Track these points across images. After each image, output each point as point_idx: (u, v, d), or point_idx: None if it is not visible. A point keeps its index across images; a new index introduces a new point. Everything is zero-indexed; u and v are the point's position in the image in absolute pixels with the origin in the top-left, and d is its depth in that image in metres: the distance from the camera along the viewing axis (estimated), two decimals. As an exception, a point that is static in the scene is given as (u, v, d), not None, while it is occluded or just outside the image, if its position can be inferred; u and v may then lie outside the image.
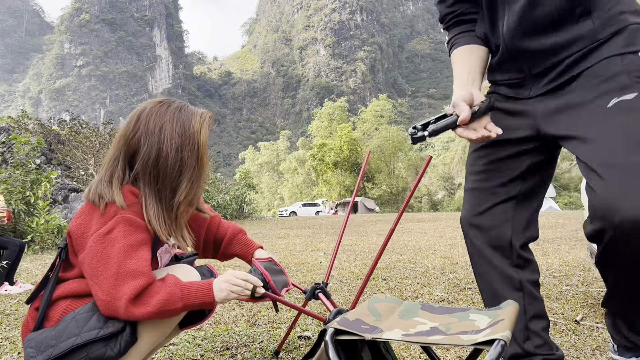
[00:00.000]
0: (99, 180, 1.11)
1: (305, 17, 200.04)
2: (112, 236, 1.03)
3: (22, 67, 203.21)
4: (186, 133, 1.13)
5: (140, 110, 1.15)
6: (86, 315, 1.02)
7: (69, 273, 1.11)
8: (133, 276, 1.02)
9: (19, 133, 10.93)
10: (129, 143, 1.13)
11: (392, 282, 3.20)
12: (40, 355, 0.98)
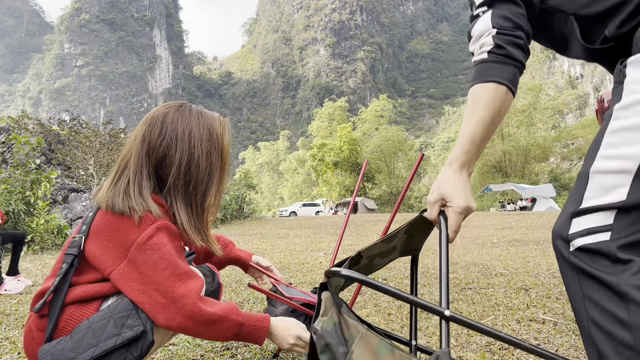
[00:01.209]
0: (124, 191, 1.06)
1: (305, 17, 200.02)
2: (155, 241, 1.01)
3: (22, 67, 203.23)
4: (212, 137, 1.15)
5: (163, 115, 1.13)
6: (102, 323, 0.99)
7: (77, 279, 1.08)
8: (191, 276, 1.02)
9: (19, 133, 10.93)
10: (156, 150, 1.10)
11: (392, 282, 3.20)
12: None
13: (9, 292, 3.28)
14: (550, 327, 1.96)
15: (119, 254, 1.02)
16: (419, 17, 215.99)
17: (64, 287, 1.03)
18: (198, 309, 1.00)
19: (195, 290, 1.02)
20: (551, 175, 39.29)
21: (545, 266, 3.71)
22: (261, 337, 1.11)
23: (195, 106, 1.19)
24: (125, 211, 1.03)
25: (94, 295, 1.04)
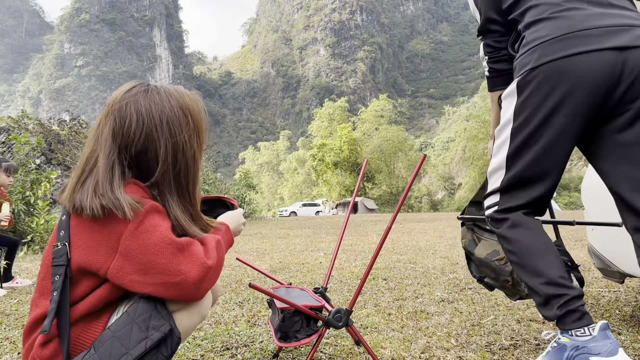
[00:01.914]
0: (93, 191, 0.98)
1: (305, 17, 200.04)
2: (147, 225, 0.96)
3: (22, 67, 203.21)
4: (189, 118, 1.09)
5: (133, 104, 1.03)
6: (126, 330, 0.95)
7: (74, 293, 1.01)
8: (190, 243, 1.01)
9: (19, 133, 10.93)
10: (135, 144, 1.02)
11: (392, 282, 3.20)
12: None
13: (20, 284, 3.48)
14: (550, 327, 1.96)
15: (109, 249, 0.97)
16: (419, 17, 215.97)
17: (66, 301, 0.98)
18: (208, 268, 1.00)
19: (199, 255, 0.99)
20: (551, 175, 39.29)
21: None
22: (232, 238, 1.20)
23: (160, 85, 1.11)
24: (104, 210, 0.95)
25: (99, 303, 0.99)
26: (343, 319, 1.38)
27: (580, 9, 1.21)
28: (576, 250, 4.75)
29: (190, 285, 0.97)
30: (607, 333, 1.15)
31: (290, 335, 1.37)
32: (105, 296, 1.00)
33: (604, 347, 1.12)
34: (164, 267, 0.96)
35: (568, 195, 32.87)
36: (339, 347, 1.75)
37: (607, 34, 1.15)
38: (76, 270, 0.99)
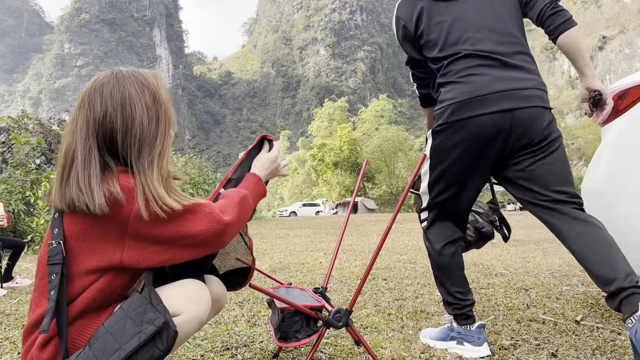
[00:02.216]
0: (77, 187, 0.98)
1: (305, 17, 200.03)
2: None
3: (22, 67, 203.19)
4: (150, 89, 1.09)
5: (99, 89, 1.05)
6: (120, 325, 0.95)
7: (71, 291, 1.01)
8: (200, 203, 1.03)
9: (19, 133, 10.93)
10: (103, 126, 1.02)
11: (392, 282, 3.20)
12: None
13: (20, 284, 3.50)
14: (550, 327, 1.96)
15: (115, 237, 0.98)
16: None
17: (64, 300, 0.98)
18: (226, 224, 1.04)
19: (214, 211, 1.03)
20: (551, 175, 39.27)
21: (545, 266, 3.71)
22: (264, 189, 1.26)
23: (126, 69, 1.13)
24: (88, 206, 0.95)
25: (96, 298, 1.00)
26: (343, 319, 1.38)
27: (480, 74, 1.53)
28: (576, 250, 4.75)
29: (210, 242, 1.03)
30: (481, 331, 1.66)
31: (290, 335, 1.37)
32: (102, 288, 1.00)
33: (474, 339, 1.64)
34: (180, 233, 1.00)
35: (568, 195, 32.86)
36: (339, 347, 1.75)
37: (500, 98, 1.49)
38: (80, 271, 0.99)
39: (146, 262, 1.00)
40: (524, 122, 1.49)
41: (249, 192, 1.18)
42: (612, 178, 1.90)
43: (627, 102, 1.88)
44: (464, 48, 1.56)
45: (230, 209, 1.08)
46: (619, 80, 1.99)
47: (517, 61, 1.54)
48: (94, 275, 1.00)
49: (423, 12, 1.65)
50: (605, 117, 1.55)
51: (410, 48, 1.72)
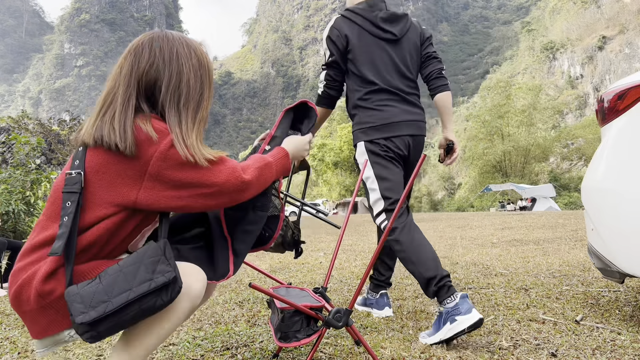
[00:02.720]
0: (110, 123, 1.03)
1: (305, 17, 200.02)
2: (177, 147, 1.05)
3: (22, 67, 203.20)
4: (197, 54, 1.18)
5: (148, 42, 1.14)
6: (133, 268, 0.99)
7: (82, 221, 1.03)
8: (224, 158, 1.11)
9: (19, 133, 10.94)
10: (146, 75, 1.11)
11: (392, 282, 3.20)
12: (93, 311, 0.94)
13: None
14: (550, 327, 1.96)
15: (135, 177, 1.03)
16: (419, 17, 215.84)
17: (76, 229, 1.01)
18: (244, 182, 1.11)
19: (236, 168, 1.11)
20: (551, 175, 39.28)
21: (545, 266, 3.71)
22: (288, 164, 1.30)
23: (175, 31, 1.22)
24: (117, 145, 1.01)
25: (104, 234, 1.04)
26: (343, 319, 1.38)
27: (393, 106, 2.04)
28: (576, 250, 4.75)
29: (225, 196, 1.10)
30: (466, 300, 1.75)
31: (290, 335, 1.37)
32: (110, 228, 1.05)
33: (463, 308, 1.72)
34: (199, 180, 1.06)
35: (568, 195, 32.86)
36: (339, 347, 1.75)
37: (406, 126, 2.03)
38: (94, 202, 1.03)
39: (159, 204, 1.05)
40: (417, 145, 2.09)
41: (273, 162, 1.24)
42: (612, 178, 1.90)
43: (627, 102, 1.88)
44: (381, 84, 2.04)
45: (251, 170, 1.15)
46: (619, 80, 1.99)
47: (414, 100, 2.10)
48: (106, 210, 1.04)
49: (356, 35, 2.06)
50: (453, 161, 2.19)
51: (339, 56, 2.08)
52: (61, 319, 1.01)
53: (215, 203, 1.10)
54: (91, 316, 0.93)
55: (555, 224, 8.88)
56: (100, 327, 0.94)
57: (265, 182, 1.20)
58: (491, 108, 40.71)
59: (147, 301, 0.97)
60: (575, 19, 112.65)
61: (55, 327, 1.01)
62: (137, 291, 0.96)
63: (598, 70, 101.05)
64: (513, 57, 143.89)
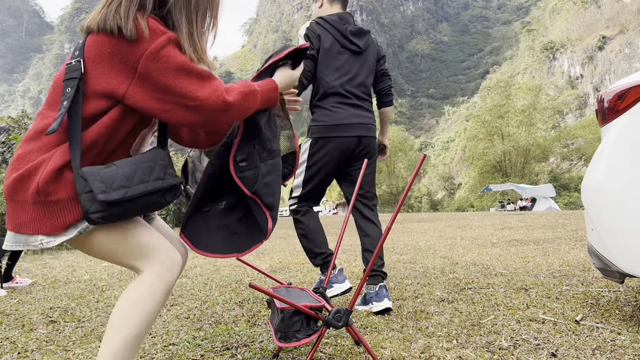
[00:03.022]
0: (115, 10, 1.07)
1: (305, 17, 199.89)
2: (168, 51, 1.06)
3: (22, 67, 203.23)
4: None
5: None
6: (149, 165, 1.10)
7: (84, 110, 1.07)
8: (212, 76, 1.12)
9: (19, 133, 10.93)
10: None
11: (392, 282, 3.20)
12: (115, 193, 1.02)
13: (20, 284, 3.49)
14: (550, 327, 1.96)
15: (127, 71, 1.05)
16: (419, 17, 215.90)
17: (78, 114, 1.05)
18: (225, 103, 1.11)
19: (220, 87, 1.11)
20: (551, 175, 39.29)
21: (545, 266, 3.71)
22: (275, 97, 1.28)
23: None
24: (120, 27, 1.04)
25: (110, 127, 1.08)
26: (343, 319, 1.38)
27: (345, 109, 2.35)
28: (576, 250, 4.75)
29: (206, 113, 1.10)
30: (342, 273, 2.40)
31: (290, 335, 1.37)
32: (110, 125, 1.09)
33: (339, 280, 2.37)
34: (183, 90, 1.07)
35: (568, 195, 32.86)
36: (339, 347, 1.75)
37: (355, 127, 2.35)
38: (91, 92, 1.07)
39: (144, 103, 1.08)
40: (366, 144, 2.39)
41: (259, 91, 1.23)
42: (612, 178, 1.90)
43: (627, 102, 1.88)
44: (339, 88, 2.35)
45: (235, 94, 1.15)
46: (619, 80, 1.99)
47: (366, 105, 2.43)
48: (102, 102, 1.07)
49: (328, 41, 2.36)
50: (385, 159, 2.69)
51: (315, 51, 2.34)
52: (44, 222, 1.03)
53: (195, 119, 1.11)
54: (112, 197, 1.01)
55: (555, 224, 8.88)
56: (113, 209, 1.02)
57: (247, 109, 1.19)
58: (491, 108, 40.72)
59: (156, 197, 1.08)
60: (575, 19, 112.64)
61: (34, 228, 1.03)
62: (152, 185, 1.07)
63: (598, 70, 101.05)
64: (513, 57, 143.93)
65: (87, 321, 2.32)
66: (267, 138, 1.29)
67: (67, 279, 3.85)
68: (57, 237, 1.04)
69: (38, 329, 2.18)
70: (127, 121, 1.11)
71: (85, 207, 1.01)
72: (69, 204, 1.04)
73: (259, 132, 1.27)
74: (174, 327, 2.13)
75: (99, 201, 1.00)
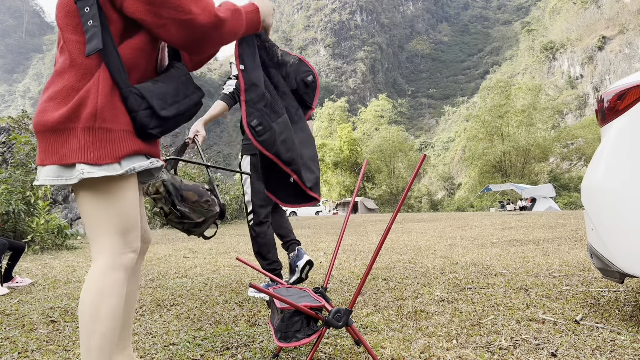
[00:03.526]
0: None
1: (305, 17, 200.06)
2: None
3: (22, 67, 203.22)
4: None
5: None
6: (185, 80, 1.23)
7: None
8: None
9: (19, 133, 10.93)
10: None
11: (392, 282, 3.20)
12: (171, 108, 1.15)
13: (20, 284, 3.48)
14: (550, 327, 1.96)
15: None
16: (418, 17, 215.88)
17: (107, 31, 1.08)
18: (218, 17, 1.14)
19: (212, 3, 1.14)
20: (551, 175, 39.26)
21: (545, 266, 3.72)
22: (257, 20, 1.32)
23: None
24: None
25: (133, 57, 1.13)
26: (343, 319, 1.38)
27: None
28: (576, 250, 4.75)
29: (198, 28, 1.11)
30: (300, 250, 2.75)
31: (290, 335, 1.37)
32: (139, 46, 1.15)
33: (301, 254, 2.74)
34: (177, 2, 1.08)
35: (568, 195, 32.84)
36: (339, 347, 1.75)
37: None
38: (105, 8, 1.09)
39: (139, 15, 1.09)
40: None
41: (243, 12, 1.26)
42: (611, 178, 1.90)
43: (627, 102, 1.89)
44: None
45: (224, 10, 1.19)
46: (619, 80, 2.00)
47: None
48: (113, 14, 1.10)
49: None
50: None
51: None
52: (92, 149, 1.05)
53: (187, 35, 1.12)
54: (171, 112, 1.14)
55: (555, 224, 8.88)
56: (169, 123, 1.16)
57: (236, 28, 1.22)
58: (491, 108, 40.70)
59: (194, 110, 1.23)
60: (575, 19, 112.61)
61: (81, 155, 1.05)
62: (193, 99, 1.22)
63: (598, 71, 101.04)
64: (513, 57, 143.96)
65: (87, 321, 2.32)
66: (269, 99, 1.35)
67: (67, 279, 3.85)
68: (100, 167, 1.06)
69: (38, 329, 2.18)
70: (144, 40, 1.16)
71: (144, 123, 1.10)
72: (122, 135, 1.08)
73: (262, 93, 1.33)
74: (174, 327, 2.13)
75: (158, 117, 1.11)
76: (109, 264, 1.12)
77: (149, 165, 1.15)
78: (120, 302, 1.12)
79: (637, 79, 1.87)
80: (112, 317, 1.10)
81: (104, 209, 1.12)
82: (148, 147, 1.17)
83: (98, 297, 1.09)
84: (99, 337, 1.08)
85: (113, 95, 1.08)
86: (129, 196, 1.14)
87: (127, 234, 1.15)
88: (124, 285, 1.13)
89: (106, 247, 1.12)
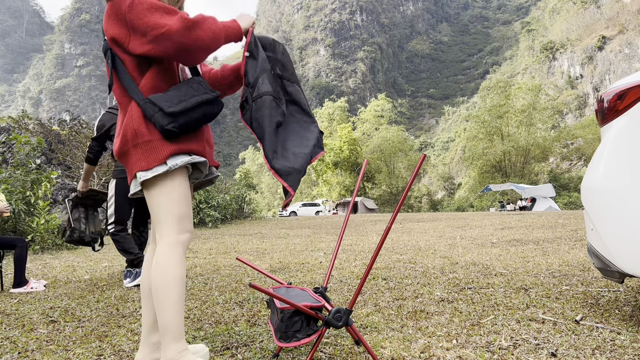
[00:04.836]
0: None
1: (305, 17, 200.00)
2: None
3: (23, 67, 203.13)
4: None
5: None
6: (196, 84, 1.43)
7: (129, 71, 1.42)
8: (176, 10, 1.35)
9: (20, 133, 10.94)
10: None
11: (392, 282, 3.20)
12: (177, 105, 1.36)
13: (35, 289, 3.29)
14: (550, 327, 1.96)
15: (124, 25, 1.34)
16: (418, 17, 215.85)
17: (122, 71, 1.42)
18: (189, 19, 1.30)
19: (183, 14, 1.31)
20: (551, 175, 39.26)
21: (545, 266, 3.72)
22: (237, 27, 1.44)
23: None
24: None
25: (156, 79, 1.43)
26: (343, 319, 1.38)
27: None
28: (576, 250, 4.75)
29: (175, 34, 1.28)
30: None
31: (290, 335, 1.37)
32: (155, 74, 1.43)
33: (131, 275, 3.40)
34: (153, 23, 1.28)
35: (568, 195, 32.85)
36: (339, 347, 1.75)
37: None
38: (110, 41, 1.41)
39: (141, 48, 1.34)
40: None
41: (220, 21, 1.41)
42: (611, 178, 1.90)
43: (626, 102, 1.89)
44: None
45: (197, 16, 1.35)
46: (619, 80, 2.00)
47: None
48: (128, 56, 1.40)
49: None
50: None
51: None
52: (142, 159, 1.38)
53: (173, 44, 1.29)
54: (176, 108, 1.35)
55: (555, 224, 8.88)
56: (180, 118, 1.35)
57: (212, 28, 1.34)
58: (491, 108, 40.70)
59: (209, 107, 1.41)
60: (575, 19, 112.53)
61: (138, 166, 1.39)
62: (203, 97, 1.41)
63: (598, 71, 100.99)
64: (513, 57, 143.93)
65: (87, 321, 2.32)
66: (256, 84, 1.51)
67: (67, 278, 3.85)
68: (150, 171, 1.37)
69: (38, 329, 2.18)
70: (166, 73, 1.44)
71: (160, 123, 1.34)
72: (159, 144, 1.38)
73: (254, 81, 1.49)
74: (174, 327, 2.13)
75: (167, 114, 1.33)
76: (171, 241, 1.38)
77: (191, 159, 1.41)
78: (183, 271, 1.39)
79: (637, 79, 1.87)
80: (179, 284, 1.37)
81: (161, 201, 1.40)
82: (188, 145, 1.42)
83: (165, 268, 1.36)
84: (172, 300, 1.35)
85: (144, 117, 1.38)
86: (180, 189, 1.41)
87: (182, 219, 1.41)
88: (184, 257, 1.41)
89: (167, 229, 1.39)
